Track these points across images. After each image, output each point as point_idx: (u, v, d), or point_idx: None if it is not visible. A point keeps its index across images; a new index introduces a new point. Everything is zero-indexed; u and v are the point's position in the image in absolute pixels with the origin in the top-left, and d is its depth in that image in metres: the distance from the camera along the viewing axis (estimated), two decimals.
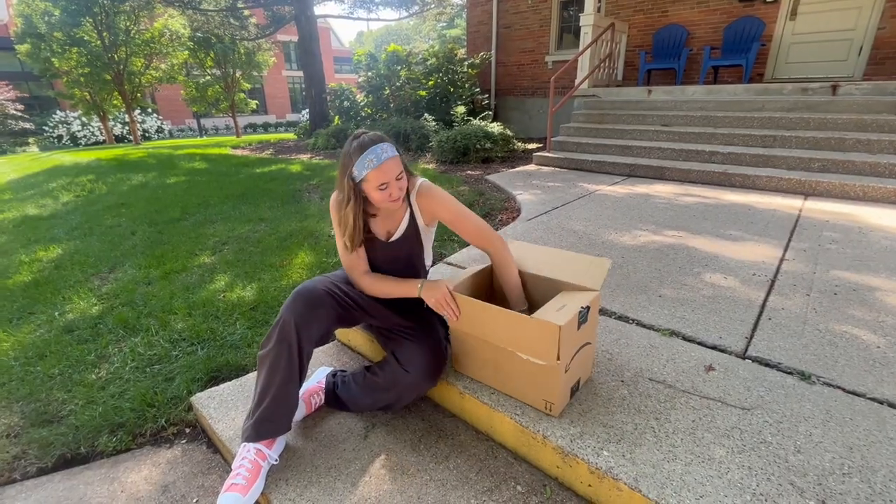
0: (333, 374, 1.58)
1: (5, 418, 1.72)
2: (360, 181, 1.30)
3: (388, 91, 8.79)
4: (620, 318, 1.81)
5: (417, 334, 1.44)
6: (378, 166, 1.27)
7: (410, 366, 1.37)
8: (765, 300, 1.89)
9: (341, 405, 1.53)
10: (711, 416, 1.24)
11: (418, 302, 1.45)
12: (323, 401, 1.55)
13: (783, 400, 1.29)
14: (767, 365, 1.47)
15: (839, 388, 1.34)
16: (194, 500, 1.37)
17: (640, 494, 1.02)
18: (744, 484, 1.02)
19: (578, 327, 1.22)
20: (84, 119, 20.56)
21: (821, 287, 1.99)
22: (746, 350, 1.55)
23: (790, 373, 1.42)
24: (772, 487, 1.01)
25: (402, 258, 1.52)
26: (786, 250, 2.44)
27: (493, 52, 9.03)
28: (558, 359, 1.16)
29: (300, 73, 27.33)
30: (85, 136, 21.40)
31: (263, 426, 1.30)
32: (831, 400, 1.29)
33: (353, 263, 1.47)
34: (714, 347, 1.57)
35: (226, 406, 1.61)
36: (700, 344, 1.60)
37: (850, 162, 3.79)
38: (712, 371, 1.43)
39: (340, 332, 1.95)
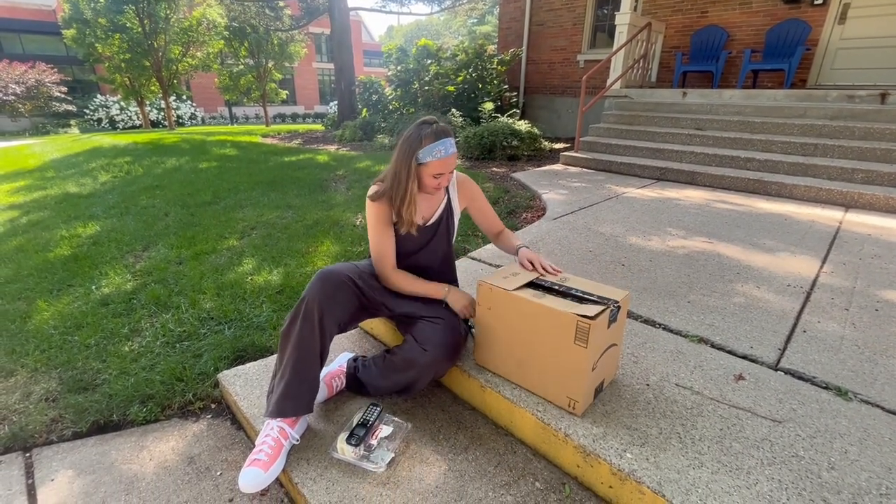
0: (355, 359, 1.61)
1: (44, 383, 1.80)
2: (421, 164, 1.38)
3: (416, 85, 8.80)
4: (647, 321, 1.77)
5: (436, 317, 1.46)
6: (444, 158, 1.37)
7: (429, 344, 1.37)
8: (800, 312, 1.83)
9: (361, 388, 1.55)
10: (740, 426, 1.20)
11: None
12: (344, 384, 1.58)
13: (817, 414, 1.25)
14: (801, 378, 1.42)
15: (878, 406, 1.28)
16: (218, 473, 1.41)
17: (663, 499, 1.00)
18: (773, 497, 0.99)
19: (608, 326, 1.20)
20: (122, 103, 21.32)
21: (861, 303, 1.91)
22: (779, 361, 1.50)
23: (825, 387, 1.37)
24: (803, 502, 0.98)
25: (433, 243, 1.56)
26: (823, 263, 2.35)
27: (523, 49, 8.93)
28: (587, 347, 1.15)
29: (330, 66, 27.80)
30: (122, 120, 22.22)
31: (285, 403, 1.32)
32: (869, 418, 1.24)
33: (384, 258, 1.49)
34: (745, 357, 1.53)
35: (251, 385, 1.65)
36: (730, 352, 1.56)
37: None
38: (742, 380, 1.39)
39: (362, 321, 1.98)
